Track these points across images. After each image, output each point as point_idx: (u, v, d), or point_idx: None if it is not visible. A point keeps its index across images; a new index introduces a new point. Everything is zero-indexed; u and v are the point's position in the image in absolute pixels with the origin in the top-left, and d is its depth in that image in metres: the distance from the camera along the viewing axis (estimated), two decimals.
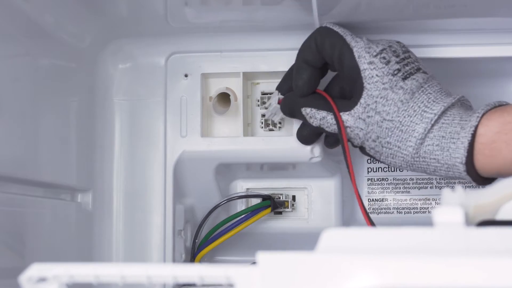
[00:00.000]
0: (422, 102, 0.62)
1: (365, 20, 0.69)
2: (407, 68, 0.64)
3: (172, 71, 0.74)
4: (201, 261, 0.75)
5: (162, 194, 0.74)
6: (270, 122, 0.74)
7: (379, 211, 0.78)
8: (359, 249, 0.38)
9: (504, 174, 0.60)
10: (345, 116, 0.65)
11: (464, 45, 0.71)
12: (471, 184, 0.71)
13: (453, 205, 0.43)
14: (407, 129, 0.62)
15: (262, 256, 0.38)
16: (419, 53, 0.71)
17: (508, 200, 0.46)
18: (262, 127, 0.74)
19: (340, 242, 0.39)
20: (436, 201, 0.77)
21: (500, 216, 0.45)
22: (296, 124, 0.71)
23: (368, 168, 0.79)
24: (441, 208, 0.42)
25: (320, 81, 0.69)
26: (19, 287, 0.39)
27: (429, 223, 0.42)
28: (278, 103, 0.69)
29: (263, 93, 0.75)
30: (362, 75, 0.64)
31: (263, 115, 0.74)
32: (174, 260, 0.74)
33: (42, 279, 0.38)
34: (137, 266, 0.37)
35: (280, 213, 0.78)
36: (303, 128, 0.70)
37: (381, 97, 0.63)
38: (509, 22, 0.70)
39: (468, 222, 0.44)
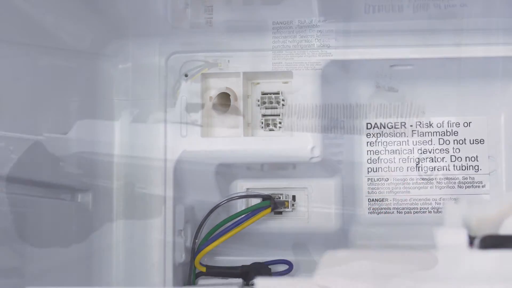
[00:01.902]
0: None
1: (365, 20, 0.69)
2: None
3: (172, 71, 0.74)
4: (201, 261, 0.75)
5: (162, 194, 0.74)
6: (270, 122, 0.74)
7: (379, 211, 0.78)
8: (360, 274, 0.38)
9: None
10: None
11: (464, 45, 0.71)
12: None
13: (456, 226, 0.42)
14: None
15: (261, 283, 0.38)
16: (419, 53, 0.71)
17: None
18: (262, 127, 0.74)
19: (340, 266, 0.38)
20: (436, 201, 0.77)
21: (503, 230, 0.44)
22: (296, 123, 0.71)
23: (368, 168, 0.79)
24: (444, 230, 0.41)
25: None
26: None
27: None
28: None
29: (263, 93, 0.75)
30: None
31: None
32: (174, 260, 0.73)
33: None
34: None
35: (280, 213, 0.77)
36: None
37: None
38: (509, 22, 0.69)
39: (471, 233, 0.44)
